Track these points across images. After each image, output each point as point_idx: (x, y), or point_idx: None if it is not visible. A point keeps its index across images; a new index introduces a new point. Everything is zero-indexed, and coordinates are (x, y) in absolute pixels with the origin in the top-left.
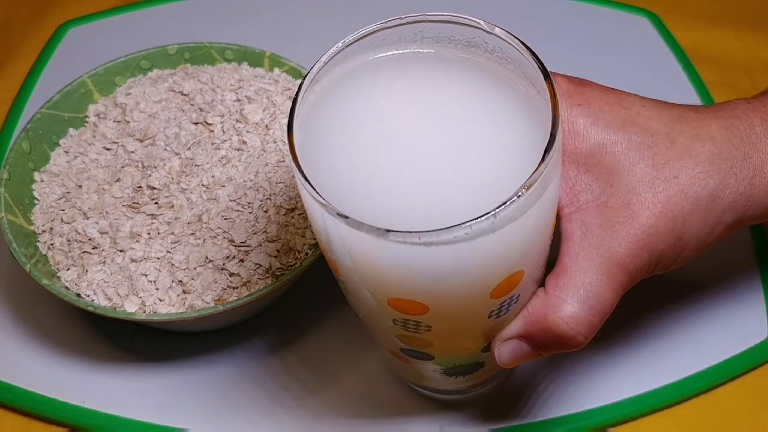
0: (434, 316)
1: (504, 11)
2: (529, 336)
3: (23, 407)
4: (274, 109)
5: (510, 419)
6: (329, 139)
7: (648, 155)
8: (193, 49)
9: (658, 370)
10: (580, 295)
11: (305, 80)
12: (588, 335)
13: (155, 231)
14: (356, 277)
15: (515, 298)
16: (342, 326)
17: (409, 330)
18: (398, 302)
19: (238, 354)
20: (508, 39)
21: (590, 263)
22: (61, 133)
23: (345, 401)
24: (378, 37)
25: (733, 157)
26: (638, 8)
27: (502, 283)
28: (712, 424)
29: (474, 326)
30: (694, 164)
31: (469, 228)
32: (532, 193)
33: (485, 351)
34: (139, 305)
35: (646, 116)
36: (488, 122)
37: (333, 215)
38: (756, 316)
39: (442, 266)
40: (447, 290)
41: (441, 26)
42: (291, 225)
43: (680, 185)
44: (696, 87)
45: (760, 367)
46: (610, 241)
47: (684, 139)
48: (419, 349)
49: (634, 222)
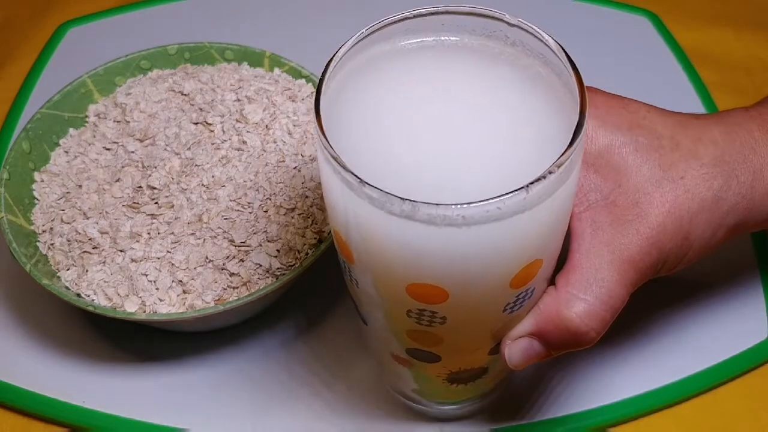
0: (452, 305)
1: (504, 11)
2: (541, 333)
3: (23, 407)
4: (274, 109)
5: (510, 419)
6: (352, 124)
7: (655, 156)
8: (193, 49)
9: (658, 370)
10: (592, 291)
11: (329, 66)
12: (600, 331)
13: (155, 231)
14: (376, 261)
15: (530, 292)
16: (342, 326)
17: (422, 323)
18: (418, 288)
19: (238, 354)
20: (533, 31)
21: (601, 260)
22: (61, 133)
23: (345, 401)
24: (401, 26)
25: (734, 160)
26: (638, 8)
27: (522, 272)
28: (712, 424)
29: (488, 320)
30: (699, 165)
31: (502, 203)
32: (562, 173)
33: (492, 353)
34: (139, 305)
35: (652, 120)
36: (511, 110)
37: (360, 191)
38: (756, 316)
39: (469, 245)
40: (470, 274)
41: (463, 18)
42: (291, 225)
43: (686, 185)
44: (696, 87)
45: (760, 367)
46: (620, 239)
47: (688, 142)
48: (428, 349)
49: (643, 220)
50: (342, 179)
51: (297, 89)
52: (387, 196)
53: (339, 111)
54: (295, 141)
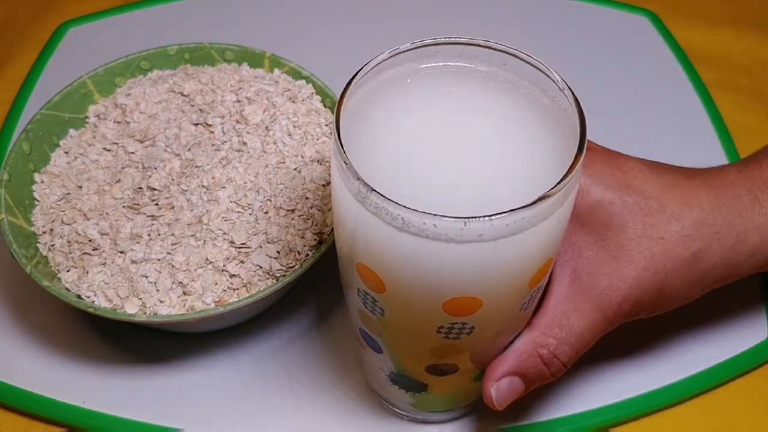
0: (483, 313)
1: (504, 11)
2: (521, 372)
3: (23, 407)
4: (274, 110)
5: (512, 420)
6: (369, 144)
7: (640, 216)
8: (193, 50)
9: (658, 371)
10: (561, 336)
11: (349, 85)
12: (568, 364)
13: (155, 232)
14: (411, 286)
15: (540, 288)
16: (342, 327)
17: (450, 337)
18: (456, 302)
19: (237, 355)
20: (537, 64)
21: (574, 307)
22: (62, 134)
23: (345, 401)
24: (419, 52)
25: (719, 224)
26: (638, 8)
27: (539, 272)
28: (712, 424)
29: (509, 321)
30: (680, 227)
31: (528, 211)
32: (574, 175)
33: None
34: (140, 306)
35: (643, 180)
36: (519, 136)
37: (401, 220)
38: (756, 316)
39: (504, 253)
40: (501, 279)
41: (476, 49)
42: (291, 226)
43: (665, 245)
44: (696, 87)
45: (760, 368)
46: (594, 290)
47: (674, 205)
48: (449, 362)
49: (618, 274)
50: (377, 209)
51: (297, 90)
52: (436, 219)
53: (355, 129)
54: (295, 142)
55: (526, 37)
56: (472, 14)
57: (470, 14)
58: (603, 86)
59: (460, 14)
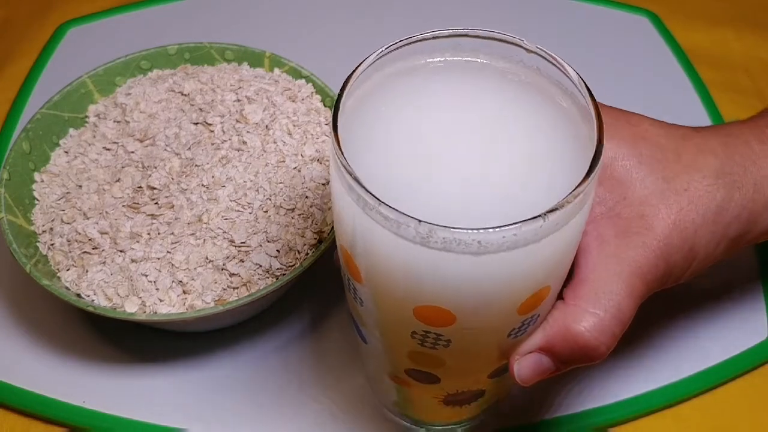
0: (459, 328)
1: (505, 11)
2: (550, 348)
3: (23, 407)
4: (274, 110)
5: (511, 420)
6: (367, 144)
7: (658, 168)
8: (193, 50)
9: (658, 370)
10: (602, 304)
11: (347, 83)
12: (610, 345)
13: (155, 231)
14: (384, 282)
15: (535, 317)
16: (342, 326)
17: (425, 345)
18: (426, 310)
19: (238, 354)
20: (549, 57)
21: (609, 273)
22: (61, 134)
23: (345, 401)
24: (418, 46)
25: (736, 172)
26: (638, 8)
27: (530, 299)
28: (712, 424)
29: (492, 344)
30: (701, 177)
31: (518, 229)
32: (578, 202)
33: (492, 377)
34: (140, 305)
35: (654, 133)
36: (528, 137)
37: (374, 209)
38: (756, 316)
39: (482, 271)
40: (480, 299)
41: (481, 41)
42: (291, 225)
43: (690, 197)
44: (696, 87)
45: (760, 367)
46: (627, 251)
47: (689, 153)
48: (428, 370)
49: (649, 232)
50: (358, 198)
51: (297, 89)
52: (403, 217)
53: (355, 129)
54: (295, 141)
55: (525, 37)
56: (473, 14)
57: (470, 14)
58: (603, 86)
59: (461, 14)
